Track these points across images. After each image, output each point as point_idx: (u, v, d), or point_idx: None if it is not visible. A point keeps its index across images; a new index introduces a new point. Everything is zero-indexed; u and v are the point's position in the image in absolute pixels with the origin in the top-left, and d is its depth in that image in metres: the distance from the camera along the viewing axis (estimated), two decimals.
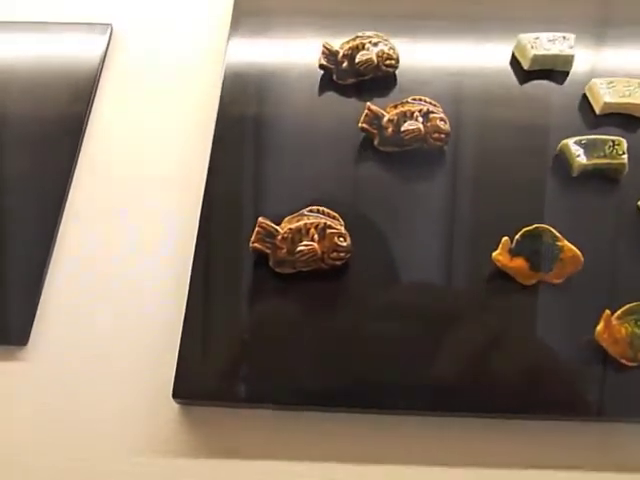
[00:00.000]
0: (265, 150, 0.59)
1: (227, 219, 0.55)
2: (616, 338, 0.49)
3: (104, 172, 0.60)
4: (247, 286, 0.52)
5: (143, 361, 0.51)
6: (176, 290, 0.53)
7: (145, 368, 0.50)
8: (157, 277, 0.54)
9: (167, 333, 0.51)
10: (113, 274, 0.54)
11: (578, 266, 0.52)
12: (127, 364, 0.50)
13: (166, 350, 0.50)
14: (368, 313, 0.51)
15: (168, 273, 0.54)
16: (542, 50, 0.63)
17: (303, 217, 0.53)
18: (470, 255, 0.54)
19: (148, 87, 0.66)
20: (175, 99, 0.65)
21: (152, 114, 0.64)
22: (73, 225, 0.57)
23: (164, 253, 0.55)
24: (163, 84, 0.66)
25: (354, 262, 0.53)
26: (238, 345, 0.50)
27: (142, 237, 0.56)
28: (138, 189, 0.59)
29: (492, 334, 0.51)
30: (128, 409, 0.49)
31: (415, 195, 0.57)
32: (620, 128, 0.60)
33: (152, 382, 0.49)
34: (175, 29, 0.70)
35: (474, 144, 0.60)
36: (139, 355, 0.51)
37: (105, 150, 0.62)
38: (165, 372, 0.48)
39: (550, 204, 0.56)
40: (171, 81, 0.66)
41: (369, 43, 0.62)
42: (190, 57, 0.68)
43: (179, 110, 0.64)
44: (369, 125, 0.58)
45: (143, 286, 0.54)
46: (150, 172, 0.60)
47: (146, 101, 0.65)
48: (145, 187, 0.59)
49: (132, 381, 0.50)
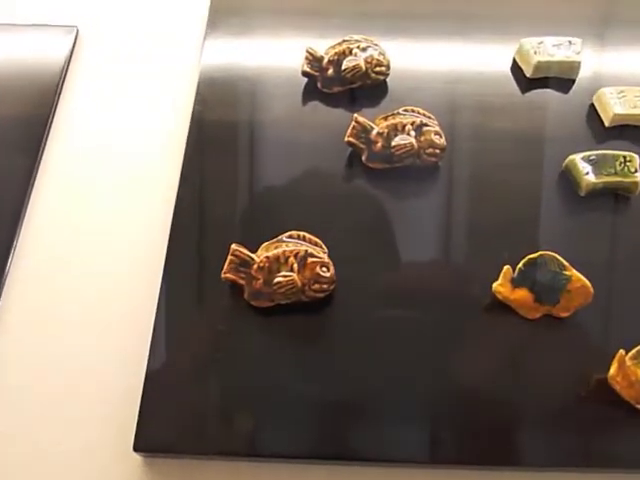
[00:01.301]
0: (240, 166, 0.54)
1: (197, 245, 0.50)
2: (631, 381, 0.44)
3: (66, 180, 0.56)
4: (218, 323, 0.47)
5: (103, 409, 0.46)
6: (139, 328, 0.47)
7: (106, 419, 0.45)
8: (119, 317, 0.49)
9: (129, 378, 0.46)
10: (71, 298, 0.50)
11: (587, 298, 0.47)
12: (86, 412, 0.46)
13: (127, 401, 0.45)
14: (354, 351, 0.46)
15: (131, 308, 0.49)
16: (546, 56, 0.58)
17: (282, 244, 0.48)
18: (468, 286, 0.49)
19: (115, 91, 0.61)
20: (144, 104, 0.60)
21: (119, 119, 0.60)
22: (32, 236, 0.53)
23: (128, 287, 0.50)
24: (132, 88, 0.61)
25: (338, 294, 0.48)
26: (207, 392, 0.44)
27: (104, 257, 0.52)
28: (102, 198, 0.55)
29: (492, 374, 0.45)
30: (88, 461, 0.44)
31: (407, 217, 0.52)
32: (632, 142, 0.56)
33: (113, 433, 0.45)
34: (146, 30, 0.65)
35: (471, 159, 0.55)
36: (99, 402, 0.46)
37: (68, 156, 0.57)
38: (126, 426, 0.43)
39: (555, 228, 0.51)
40: (141, 85, 0.62)
41: (357, 48, 0.57)
42: (162, 60, 0.63)
43: (148, 116, 0.60)
44: (356, 139, 0.53)
45: (106, 321, 0.49)
46: (115, 181, 0.56)
47: (113, 106, 0.60)
48: (109, 198, 0.55)
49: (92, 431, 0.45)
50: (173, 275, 0.48)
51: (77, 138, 0.58)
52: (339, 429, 0.43)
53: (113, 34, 0.65)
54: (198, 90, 0.58)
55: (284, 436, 0.43)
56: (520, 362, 0.46)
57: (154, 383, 0.44)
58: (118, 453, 0.44)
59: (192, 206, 0.52)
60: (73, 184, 0.56)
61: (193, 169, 0.53)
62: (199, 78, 0.59)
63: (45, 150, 0.57)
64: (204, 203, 0.52)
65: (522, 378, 0.46)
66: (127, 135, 0.58)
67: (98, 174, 0.56)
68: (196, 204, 0.52)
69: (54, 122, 0.59)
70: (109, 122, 0.59)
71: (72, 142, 0.58)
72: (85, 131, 0.59)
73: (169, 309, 0.47)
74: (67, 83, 0.62)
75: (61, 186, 0.55)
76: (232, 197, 0.52)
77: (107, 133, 0.59)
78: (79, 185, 0.56)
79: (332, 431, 0.43)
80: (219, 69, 0.60)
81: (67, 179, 0.56)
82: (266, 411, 0.44)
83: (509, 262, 0.48)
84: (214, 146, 0.55)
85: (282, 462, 0.43)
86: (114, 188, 0.55)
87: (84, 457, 0.44)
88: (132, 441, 0.42)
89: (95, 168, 0.56)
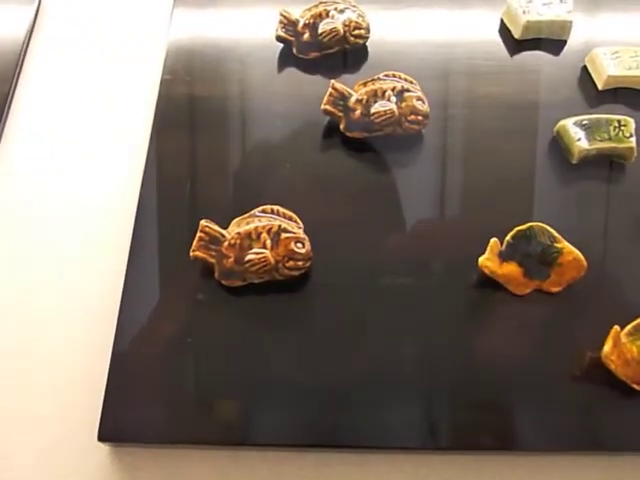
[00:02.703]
0: (212, 137, 0.51)
1: (165, 222, 0.47)
2: (626, 359, 0.41)
3: (27, 157, 0.53)
4: (187, 303, 0.44)
5: (66, 396, 0.43)
6: (104, 311, 0.44)
7: (69, 409, 0.43)
8: (85, 295, 0.46)
9: (93, 363, 0.43)
10: (31, 283, 0.47)
11: (580, 272, 0.44)
12: (50, 402, 0.43)
13: (91, 388, 0.42)
14: (331, 333, 0.43)
15: (96, 290, 0.46)
16: (535, 15, 0.55)
17: (254, 219, 0.45)
18: (453, 260, 0.46)
19: (79, 64, 0.58)
20: (110, 78, 0.57)
21: (83, 93, 0.56)
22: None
23: (94, 263, 0.48)
24: (96, 61, 0.58)
25: (315, 271, 0.45)
26: (177, 376, 0.42)
27: (68, 240, 0.49)
28: (64, 176, 0.52)
29: (479, 354, 0.43)
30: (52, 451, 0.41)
31: (388, 189, 0.49)
32: (626, 106, 0.53)
33: (77, 423, 0.42)
34: (110, 1, 0.61)
35: (457, 127, 0.52)
36: (64, 392, 0.43)
37: (30, 133, 0.54)
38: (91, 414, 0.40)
39: (546, 197, 0.49)
40: (106, 58, 0.59)
41: (334, 10, 0.54)
42: (128, 31, 0.60)
43: (115, 90, 0.57)
44: (334, 107, 0.50)
45: (67, 306, 0.46)
46: (79, 157, 0.53)
47: (77, 80, 0.57)
48: (73, 175, 0.52)
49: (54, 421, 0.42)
50: (139, 254, 0.45)
51: (39, 114, 0.55)
52: (323, 414, 0.41)
53: (76, 4, 0.62)
54: (166, 61, 0.55)
55: (263, 423, 0.41)
56: (509, 341, 0.43)
57: (120, 368, 0.42)
58: (83, 444, 0.41)
59: (160, 181, 0.49)
60: (34, 162, 0.53)
61: (161, 142, 0.50)
62: (167, 48, 0.56)
63: (5, 127, 0.54)
64: (172, 177, 0.49)
65: (511, 358, 0.43)
66: (92, 109, 0.55)
67: (59, 151, 0.53)
68: (164, 178, 0.49)
69: (14, 98, 0.56)
70: (72, 96, 0.56)
71: (34, 118, 0.55)
72: (47, 107, 0.56)
73: (135, 290, 0.44)
74: (28, 57, 0.58)
75: (21, 163, 0.53)
76: (202, 171, 0.50)
77: (70, 108, 0.56)
78: (40, 162, 0.53)
79: (315, 416, 0.41)
80: (188, 38, 0.57)
81: (28, 157, 0.53)
82: (242, 396, 0.41)
83: (497, 234, 0.45)
84: (183, 119, 0.52)
85: (261, 450, 0.41)
86: (78, 165, 0.52)
87: (46, 450, 0.41)
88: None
89: (57, 145, 0.54)
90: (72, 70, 0.58)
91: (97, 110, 0.55)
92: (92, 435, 0.40)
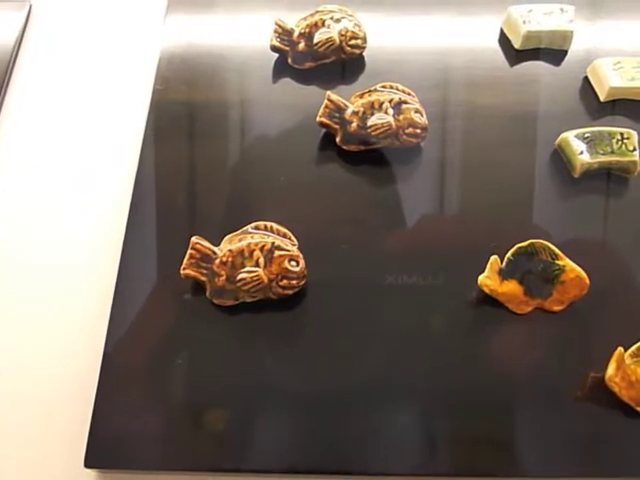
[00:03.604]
0: (204, 149, 0.50)
1: (156, 238, 0.46)
2: (631, 381, 0.40)
3: (18, 162, 0.52)
4: (178, 323, 0.42)
5: (52, 421, 0.42)
6: (92, 330, 0.43)
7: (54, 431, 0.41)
8: (72, 321, 0.45)
9: (81, 386, 0.42)
10: (20, 300, 0.46)
11: (582, 290, 0.43)
12: (32, 425, 0.42)
13: (78, 411, 0.41)
14: (327, 355, 0.41)
15: (84, 309, 0.45)
16: (536, 25, 0.53)
17: (247, 236, 0.44)
18: (452, 278, 0.44)
19: (70, 70, 0.57)
20: (101, 86, 0.56)
21: (74, 99, 0.56)
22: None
23: (80, 287, 0.46)
24: (88, 66, 0.57)
25: (310, 289, 0.43)
26: (167, 399, 0.40)
27: (54, 255, 0.48)
28: (55, 184, 0.51)
29: (479, 374, 0.41)
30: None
31: (385, 203, 0.48)
32: (629, 118, 0.52)
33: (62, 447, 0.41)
34: (103, 5, 0.61)
35: (456, 139, 0.51)
36: (50, 419, 0.42)
37: (20, 138, 0.54)
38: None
39: (547, 212, 0.47)
40: (97, 65, 0.57)
41: (330, 19, 0.52)
42: (120, 37, 0.59)
43: (106, 98, 0.55)
44: (329, 119, 0.48)
45: (52, 324, 0.45)
46: (70, 166, 0.52)
47: (68, 85, 0.56)
48: (63, 183, 0.51)
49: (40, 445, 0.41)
50: (129, 271, 0.44)
51: (29, 120, 0.54)
52: (320, 437, 0.39)
53: (68, 9, 0.61)
54: (159, 69, 0.53)
55: (256, 448, 0.39)
56: (509, 361, 0.42)
57: (108, 391, 0.40)
58: (68, 469, 0.40)
59: (150, 194, 0.48)
60: (23, 170, 0.52)
61: (152, 153, 0.49)
62: (160, 56, 0.54)
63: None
64: (164, 190, 0.48)
65: (512, 379, 0.42)
66: (82, 116, 0.54)
67: (50, 160, 0.52)
68: (155, 191, 0.48)
69: (5, 102, 0.55)
70: (63, 103, 0.55)
71: (24, 124, 0.54)
72: (38, 113, 0.55)
73: (125, 309, 0.43)
74: (19, 62, 0.58)
75: (11, 172, 0.52)
76: (194, 184, 0.48)
77: (61, 114, 0.55)
78: (29, 171, 0.52)
79: (311, 442, 0.39)
80: (181, 46, 0.56)
81: (18, 161, 0.52)
82: (237, 420, 0.40)
83: (497, 251, 0.43)
84: (175, 128, 0.51)
85: (256, 476, 0.39)
86: (68, 173, 0.52)
87: (30, 476, 0.40)
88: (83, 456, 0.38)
89: (47, 152, 0.53)
90: (62, 77, 0.57)
91: (87, 119, 0.54)
92: (79, 459, 0.38)
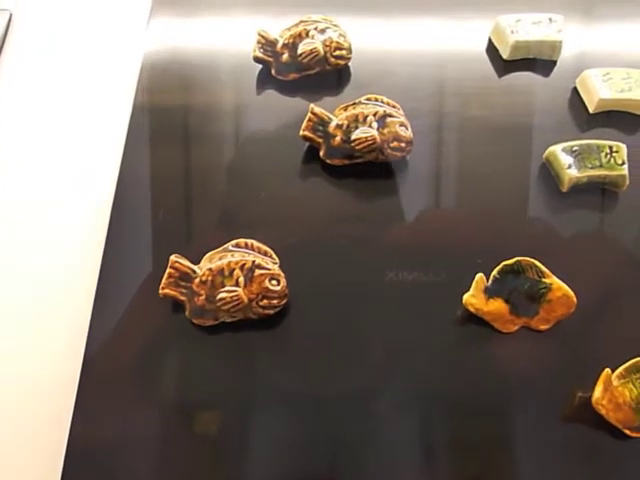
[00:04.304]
0: (184, 162, 0.49)
1: (135, 255, 0.44)
2: (618, 403, 0.39)
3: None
4: (156, 344, 0.42)
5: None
6: (68, 352, 0.42)
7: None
8: (48, 338, 0.44)
9: (57, 409, 0.41)
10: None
11: (570, 308, 0.42)
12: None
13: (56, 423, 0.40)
14: (309, 377, 0.41)
15: (60, 331, 0.44)
16: (524, 35, 0.52)
17: (227, 254, 0.43)
18: (437, 296, 0.43)
19: (51, 78, 0.56)
20: (82, 92, 0.55)
21: (55, 108, 0.54)
22: None
23: (54, 307, 0.45)
24: (70, 75, 0.56)
25: (291, 310, 0.43)
26: (146, 426, 0.39)
27: (29, 273, 0.47)
28: (32, 200, 0.50)
29: (463, 394, 0.41)
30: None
31: (370, 219, 0.46)
32: (618, 130, 0.50)
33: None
34: (85, 11, 0.60)
35: (442, 152, 0.50)
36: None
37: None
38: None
39: (535, 228, 0.46)
40: (79, 71, 0.56)
41: (314, 30, 0.51)
42: (102, 43, 0.58)
43: (86, 105, 0.54)
44: (313, 132, 0.47)
45: (26, 346, 0.44)
46: (48, 178, 0.51)
47: (48, 94, 0.55)
48: (40, 198, 0.50)
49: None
50: (106, 292, 0.43)
51: (8, 131, 0.53)
52: (309, 461, 0.39)
53: (49, 16, 0.59)
54: (140, 77, 0.52)
55: (247, 471, 0.38)
56: (495, 381, 0.41)
57: (84, 418, 0.39)
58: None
59: (130, 208, 0.46)
60: (3, 175, 0.51)
61: (132, 166, 0.48)
62: (142, 64, 0.53)
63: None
64: (143, 205, 0.47)
65: (497, 398, 0.41)
66: (63, 126, 0.53)
67: (29, 171, 0.51)
68: (134, 206, 0.46)
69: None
70: (43, 112, 0.54)
71: (3, 132, 0.53)
72: (17, 124, 0.53)
73: (102, 332, 0.42)
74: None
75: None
76: (174, 198, 0.47)
77: (42, 121, 0.53)
78: (10, 175, 0.51)
79: (300, 463, 0.39)
80: (165, 51, 0.54)
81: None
82: (220, 447, 0.39)
83: (483, 268, 0.43)
84: (156, 140, 0.49)
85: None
86: (46, 185, 0.50)
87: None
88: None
89: (27, 160, 0.52)
90: (44, 83, 0.55)
91: (69, 125, 0.53)
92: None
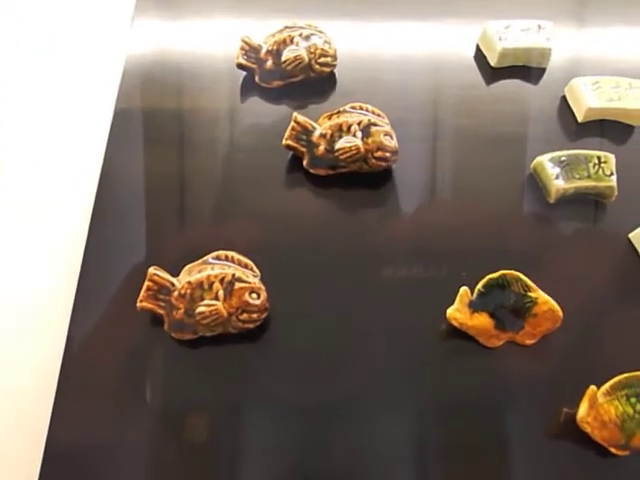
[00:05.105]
0: (165, 170, 0.48)
1: (114, 267, 0.43)
2: (603, 421, 0.38)
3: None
4: (134, 358, 0.41)
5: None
6: (44, 373, 0.41)
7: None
8: (23, 354, 0.44)
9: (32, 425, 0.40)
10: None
11: (556, 323, 0.41)
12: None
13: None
14: (290, 396, 0.40)
15: (34, 347, 0.43)
16: (512, 42, 0.51)
17: (207, 266, 0.42)
18: (420, 310, 0.42)
19: (31, 79, 0.55)
20: (61, 98, 0.54)
21: (33, 111, 0.54)
22: None
23: (31, 321, 0.45)
24: (48, 78, 0.55)
25: (272, 324, 0.42)
26: (124, 448, 0.38)
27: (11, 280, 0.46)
28: (10, 207, 0.49)
29: (446, 410, 0.40)
30: None
31: (354, 231, 0.45)
32: (608, 139, 0.50)
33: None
34: (67, 15, 0.59)
35: (428, 162, 0.49)
36: None
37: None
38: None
39: (521, 240, 0.45)
40: (58, 76, 0.55)
41: (299, 36, 0.50)
42: (84, 46, 0.57)
43: (65, 112, 0.54)
44: (296, 141, 0.46)
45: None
46: (26, 188, 0.50)
47: (27, 100, 0.54)
48: (19, 205, 0.49)
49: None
50: (84, 303, 0.42)
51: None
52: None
53: (30, 18, 0.58)
54: (123, 81, 0.51)
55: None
56: (479, 397, 0.40)
57: (58, 436, 0.38)
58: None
59: (109, 218, 0.46)
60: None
61: (112, 177, 0.47)
62: (124, 67, 0.52)
63: None
64: (122, 216, 0.46)
65: (481, 415, 0.40)
66: (43, 129, 0.53)
67: (6, 182, 0.50)
68: (113, 217, 0.46)
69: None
70: (20, 117, 0.53)
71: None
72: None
73: (79, 348, 0.41)
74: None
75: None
76: (153, 207, 0.46)
77: (22, 123, 0.53)
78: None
79: None
80: (148, 54, 0.53)
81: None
82: (207, 455, 0.38)
83: (467, 281, 0.42)
84: (136, 149, 0.49)
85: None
86: (24, 191, 0.50)
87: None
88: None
89: (5, 167, 0.51)
90: (22, 86, 0.55)
91: (49, 127, 0.52)
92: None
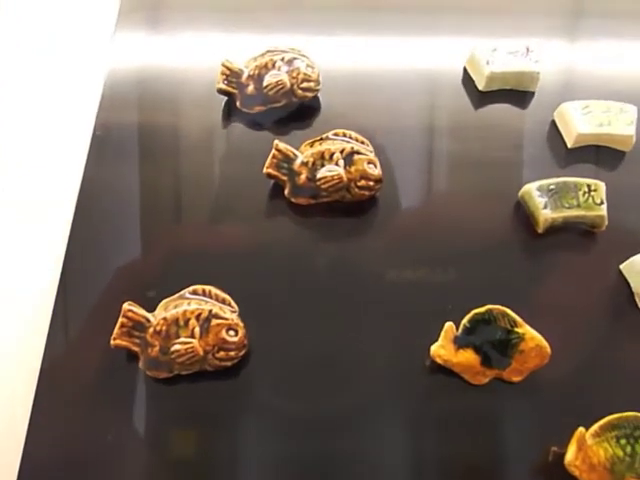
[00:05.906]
0: (142, 199, 0.46)
1: (88, 302, 0.42)
2: (592, 463, 0.37)
3: None
4: (108, 399, 0.39)
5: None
6: (15, 410, 0.40)
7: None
8: None
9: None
10: None
11: (543, 359, 0.40)
12: None
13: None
14: (268, 433, 0.38)
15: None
16: (500, 66, 0.50)
17: (184, 301, 0.41)
18: (404, 344, 0.41)
19: (10, 93, 0.54)
20: (41, 113, 0.53)
21: (13, 125, 0.52)
22: None
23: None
24: (26, 93, 0.54)
25: (250, 361, 0.40)
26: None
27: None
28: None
29: (430, 450, 0.38)
30: None
31: (336, 263, 0.44)
32: (598, 165, 0.49)
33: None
34: (48, 29, 0.57)
35: (414, 190, 0.47)
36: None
37: None
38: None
39: (508, 273, 0.44)
40: (40, 87, 0.54)
41: (281, 61, 0.49)
42: (63, 60, 0.55)
43: (44, 130, 0.52)
44: (277, 170, 0.45)
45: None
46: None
47: (10, 109, 0.53)
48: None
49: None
50: (57, 338, 0.41)
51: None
52: None
53: (11, 30, 0.57)
54: (103, 96, 0.50)
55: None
56: (464, 435, 0.39)
57: (34, 452, 0.38)
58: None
59: (84, 251, 0.44)
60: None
61: (89, 202, 0.46)
62: (104, 82, 0.51)
63: None
64: (97, 249, 0.44)
65: (466, 455, 0.39)
66: (42, 133, 0.52)
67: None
68: (89, 249, 0.44)
69: None
70: (21, 116, 0.52)
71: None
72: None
73: (51, 388, 0.40)
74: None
75: None
76: (129, 238, 0.45)
77: (19, 128, 0.52)
78: None
79: None
80: (129, 69, 0.53)
81: None
82: None
83: (452, 316, 0.40)
84: (111, 181, 0.47)
85: None
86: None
87: None
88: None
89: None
90: (22, 88, 0.54)
91: (26, 145, 0.51)
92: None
